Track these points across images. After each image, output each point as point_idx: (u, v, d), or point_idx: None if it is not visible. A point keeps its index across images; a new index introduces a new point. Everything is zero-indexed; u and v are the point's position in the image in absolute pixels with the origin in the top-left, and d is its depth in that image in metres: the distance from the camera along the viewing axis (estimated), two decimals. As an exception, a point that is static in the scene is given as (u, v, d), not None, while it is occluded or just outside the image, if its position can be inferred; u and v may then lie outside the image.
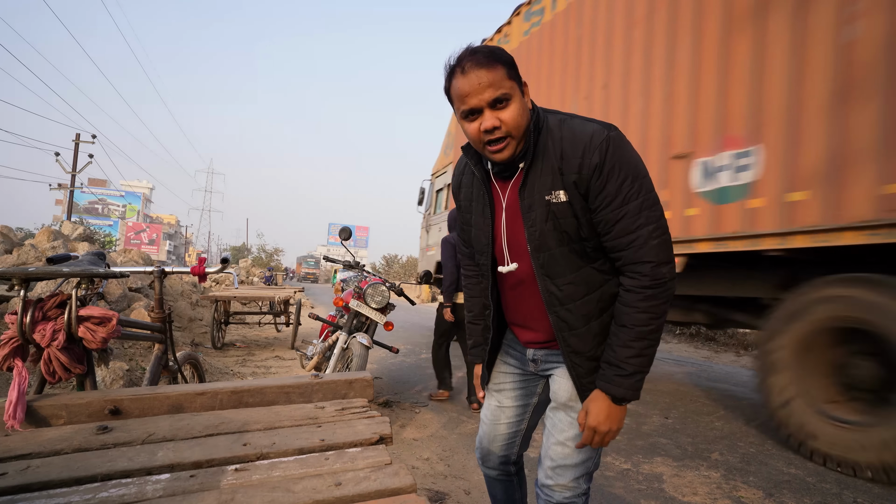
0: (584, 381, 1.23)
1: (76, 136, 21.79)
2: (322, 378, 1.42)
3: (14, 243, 4.85)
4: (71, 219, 21.57)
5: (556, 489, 1.27)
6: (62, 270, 1.43)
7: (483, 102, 1.09)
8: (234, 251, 47.51)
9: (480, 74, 1.07)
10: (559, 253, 1.17)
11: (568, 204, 1.14)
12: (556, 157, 1.14)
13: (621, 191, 1.09)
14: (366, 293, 3.67)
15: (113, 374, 3.27)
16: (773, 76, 3.15)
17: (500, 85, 1.08)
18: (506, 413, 1.44)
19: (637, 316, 1.11)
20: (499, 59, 1.09)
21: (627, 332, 1.12)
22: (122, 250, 8.33)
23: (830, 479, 2.84)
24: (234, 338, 7.52)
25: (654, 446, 3.32)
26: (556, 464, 1.27)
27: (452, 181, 1.42)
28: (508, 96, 1.09)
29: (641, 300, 1.11)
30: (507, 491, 1.55)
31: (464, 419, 3.77)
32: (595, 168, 1.09)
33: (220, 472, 0.91)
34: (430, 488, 2.51)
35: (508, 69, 1.10)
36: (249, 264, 22.03)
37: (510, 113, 1.10)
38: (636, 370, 1.12)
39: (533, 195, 1.17)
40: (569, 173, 1.12)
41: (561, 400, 1.29)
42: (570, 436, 1.26)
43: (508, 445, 1.46)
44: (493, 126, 1.09)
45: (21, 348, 1.27)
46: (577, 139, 1.12)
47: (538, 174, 1.16)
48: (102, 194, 60.01)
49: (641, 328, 1.11)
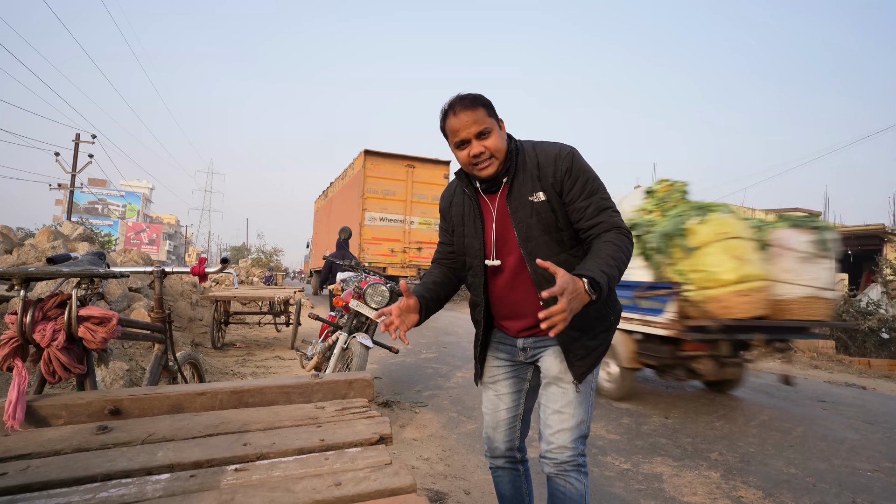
0: (569, 348, 1.47)
1: (76, 136, 21.77)
2: (322, 378, 1.42)
3: (14, 243, 4.85)
4: (71, 219, 21.55)
5: (557, 451, 1.49)
6: (62, 270, 1.43)
7: (470, 135, 1.44)
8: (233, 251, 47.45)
9: (468, 114, 1.43)
10: (542, 241, 1.47)
11: (546, 202, 1.46)
12: (534, 168, 1.48)
13: (586, 187, 1.45)
14: (366, 293, 3.67)
15: (113, 374, 3.26)
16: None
17: (482, 121, 1.43)
18: (503, 400, 1.66)
19: (611, 246, 1.37)
20: (480, 103, 1.45)
21: (604, 249, 1.36)
22: (121, 250, 8.32)
23: (830, 479, 2.84)
24: (234, 338, 7.52)
25: (654, 446, 3.31)
26: (555, 429, 1.50)
27: (442, 203, 1.72)
28: (489, 129, 1.44)
29: (616, 240, 1.38)
30: (515, 482, 1.70)
31: (464, 419, 3.76)
32: (566, 171, 1.45)
33: (220, 472, 0.91)
34: (430, 488, 2.51)
35: (488, 110, 1.46)
36: (249, 264, 22.01)
37: (491, 141, 1.45)
38: (608, 272, 1.30)
39: (519, 199, 1.49)
40: (546, 178, 1.47)
41: (552, 374, 1.52)
42: (563, 403, 1.50)
43: (511, 430, 1.67)
44: (480, 152, 1.44)
45: (21, 348, 1.27)
46: (549, 154, 1.48)
47: (521, 183, 1.49)
48: (102, 194, 59.97)
49: (615, 251, 1.36)
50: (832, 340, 11.78)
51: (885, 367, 9.52)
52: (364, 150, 11.55)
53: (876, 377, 7.83)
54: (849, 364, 9.03)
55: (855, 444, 3.59)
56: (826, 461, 3.17)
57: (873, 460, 3.24)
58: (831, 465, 3.09)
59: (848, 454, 3.34)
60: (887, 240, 17.66)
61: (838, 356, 9.87)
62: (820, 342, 11.26)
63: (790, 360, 6.02)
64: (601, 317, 1.52)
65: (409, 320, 1.48)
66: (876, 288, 13.30)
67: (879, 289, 12.76)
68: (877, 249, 17.60)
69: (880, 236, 18.01)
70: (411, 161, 11.69)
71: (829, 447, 3.48)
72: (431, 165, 11.88)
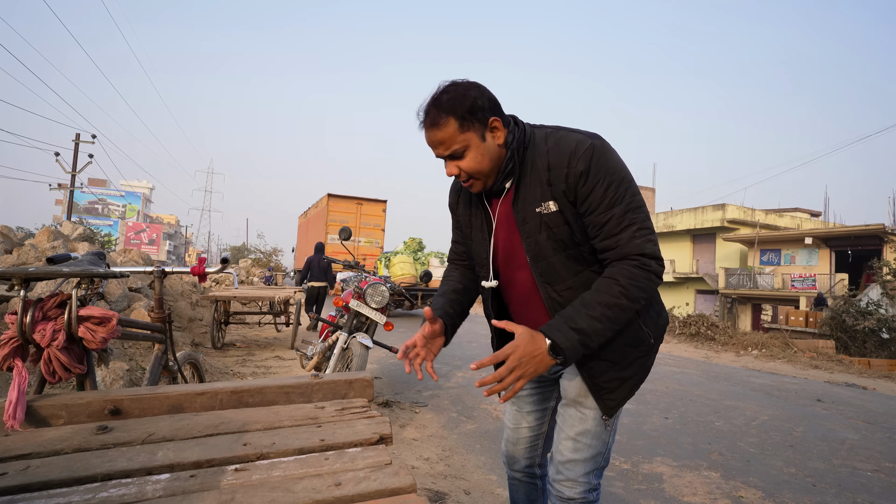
0: (596, 381, 1.25)
1: (76, 136, 21.77)
2: (322, 378, 1.42)
3: (14, 243, 4.85)
4: (71, 219, 21.55)
5: (566, 484, 1.29)
6: (62, 270, 1.43)
7: (441, 155, 1.20)
8: (233, 251, 47.44)
9: (433, 133, 1.17)
10: (556, 260, 1.22)
11: (559, 213, 1.19)
12: (544, 169, 1.19)
13: (606, 195, 1.14)
14: (366, 293, 3.67)
15: (113, 374, 3.26)
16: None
17: (451, 142, 1.16)
18: (526, 418, 1.49)
19: (612, 287, 1.13)
20: (448, 113, 1.15)
21: (596, 295, 1.14)
22: (122, 250, 8.32)
23: (830, 479, 2.84)
24: (234, 338, 7.52)
25: (654, 446, 3.31)
26: (567, 458, 1.29)
27: (450, 198, 1.49)
28: (461, 150, 1.17)
29: (622, 276, 1.13)
30: (530, 496, 1.56)
31: (463, 419, 3.77)
32: (581, 175, 1.15)
33: (220, 472, 0.91)
34: (430, 488, 2.51)
35: (461, 121, 1.15)
36: (249, 264, 22.03)
37: (467, 162, 1.19)
38: (586, 329, 1.12)
39: (525, 208, 1.23)
40: (557, 183, 1.18)
41: (570, 396, 1.32)
42: (580, 430, 1.29)
43: (532, 448, 1.50)
44: (454, 174, 1.21)
45: (21, 348, 1.27)
46: (562, 149, 1.18)
47: (528, 187, 1.22)
48: (102, 194, 59.96)
49: (610, 297, 1.12)
50: (832, 340, 11.78)
51: (885, 367, 9.52)
52: (328, 193, 16.87)
53: (876, 377, 7.83)
54: (849, 364, 9.03)
55: (855, 444, 3.59)
56: (826, 461, 3.17)
57: (873, 460, 3.24)
58: (831, 465, 3.09)
59: (848, 454, 3.34)
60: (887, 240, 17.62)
61: (838, 356, 9.87)
62: (820, 342, 11.30)
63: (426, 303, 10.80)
64: (636, 342, 1.25)
65: (435, 347, 1.32)
66: (876, 288, 13.30)
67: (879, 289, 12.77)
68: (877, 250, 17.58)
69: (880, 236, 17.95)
70: (359, 200, 17.07)
71: (829, 447, 3.48)
72: (373, 203, 17.21)
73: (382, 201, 17.39)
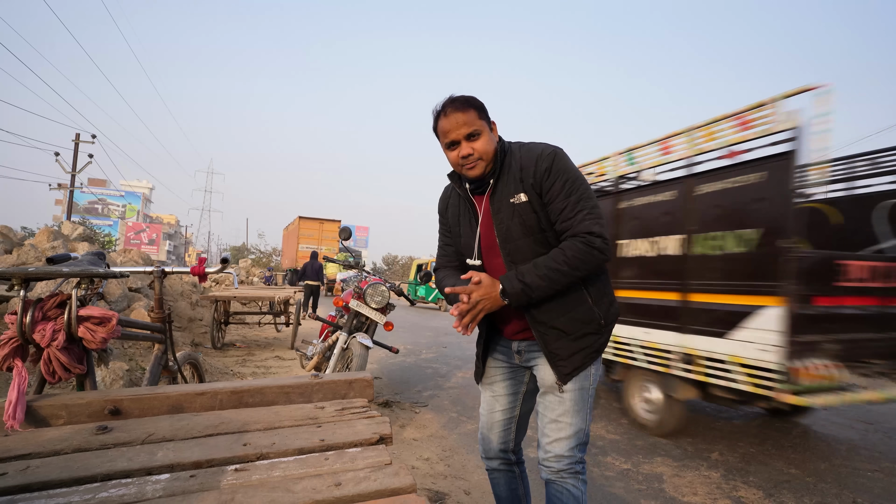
0: (550, 348, 1.47)
1: (76, 136, 21.76)
2: (322, 378, 1.42)
3: (14, 243, 4.85)
4: (71, 219, 21.55)
5: (553, 460, 1.49)
6: (62, 270, 1.43)
7: (460, 136, 1.46)
8: (233, 251, 47.47)
9: (458, 116, 1.45)
10: (523, 243, 1.48)
11: (528, 203, 1.46)
12: (517, 169, 1.49)
13: (564, 187, 1.43)
14: (366, 293, 3.67)
15: (113, 374, 3.26)
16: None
17: (472, 123, 1.45)
18: (499, 402, 1.67)
19: (559, 255, 1.40)
20: (472, 105, 1.46)
21: (546, 260, 1.41)
22: (121, 250, 8.32)
23: (830, 478, 2.84)
24: (234, 338, 7.52)
25: (654, 446, 3.32)
26: (552, 438, 1.50)
27: (440, 204, 1.75)
28: (478, 132, 1.46)
29: (569, 249, 1.39)
30: (511, 484, 1.70)
31: (463, 419, 3.77)
32: (545, 171, 1.45)
33: (220, 472, 0.91)
34: (430, 488, 2.51)
35: (479, 112, 1.47)
36: (249, 264, 22.08)
37: (480, 143, 1.47)
38: (530, 284, 1.40)
39: (501, 200, 1.50)
40: (527, 179, 1.47)
41: (547, 384, 1.52)
42: (560, 412, 1.49)
43: (505, 431, 1.67)
44: (468, 153, 1.47)
45: (21, 348, 1.27)
46: (531, 154, 1.48)
47: (505, 184, 1.50)
48: (102, 194, 59.94)
49: (555, 263, 1.39)
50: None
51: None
52: (299, 216, 24.18)
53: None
54: (849, 364, 8.99)
55: (855, 444, 3.59)
56: (826, 461, 3.17)
57: (873, 460, 3.23)
58: (831, 465, 3.09)
59: (848, 454, 3.34)
60: (887, 240, 17.65)
61: (838, 356, 9.82)
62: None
63: None
64: (588, 319, 1.48)
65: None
66: (876, 288, 13.32)
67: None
68: (876, 249, 17.56)
69: (880, 236, 17.95)
70: (321, 220, 24.50)
71: (829, 447, 3.48)
72: (331, 223, 24.65)
73: (338, 221, 25.29)
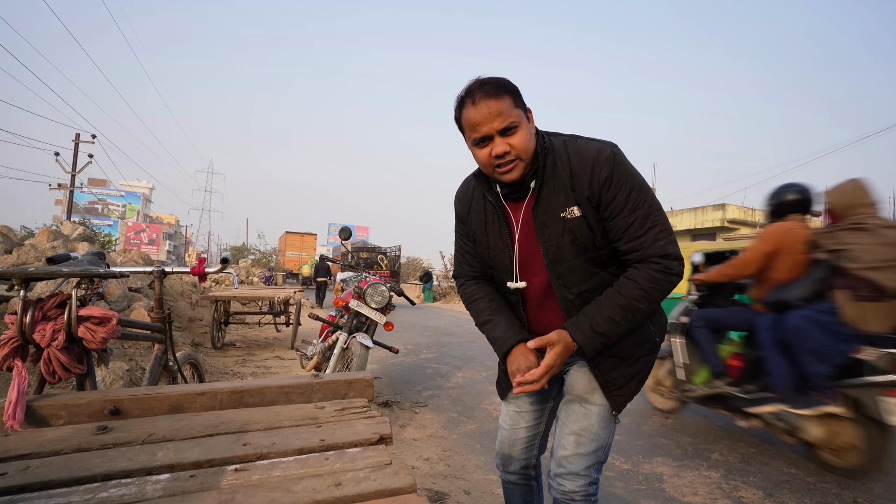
0: (607, 377, 1.30)
1: (76, 136, 21.76)
2: (322, 378, 1.42)
3: (14, 243, 4.85)
4: (71, 219, 21.54)
5: (568, 478, 1.31)
6: (62, 270, 1.43)
7: (493, 130, 1.17)
8: (233, 251, 47.44)
9: (490, 104, 1.15)
10: (575, 264, 1.25)
11: (582, 218, 1.22)
12: (566, 174, 1.22)
13: (629, 199, 1.19)
14: (366, 293, 3.67)
15: (113, 374, 3.26)
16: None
17: (508, 114, 1.16)
18: (524, 418, 1.48)
19: (634, 290, 1.19)
20: (506, 89, 1.17)
21: (618, 298, 1.20)
22: (121, 250, 8.32)
23: (830, 478, 2.84)
24: (234, 338, 7.52)
25: (654, 446, 3.31)
26: (569, 453, 1.32)
27: (459, 206, 1.46)
28: (516, 124, 1.17)
29: (645, 279, 1.19)
30: (526, 497, 1.56)
31: (464, 419, 3.77)
32: (605, 181, 1.19)
33: (220, 472, 0.90)
34: (430, 488, 2.51)
35: (515, 98, 1.18)
36: (249, 264, 22.06)
37: (519, 138, 1.18)
38: (605, 331, 1.21)
39: (547, 212, 1.24)
40: (581, 189, 1.21)
41: (576, 392, 1.34)
42: (584, 425, 1.31)
43: (528, 448, 1.50)
44: (504, 151, 1.18)
45: (21, 348, 1.27)
46: (584, 157, 1.21)
47: (551, 192, 1.24)
48: (102, 194, 59.93)
49: (632, 301, 1.19)
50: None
51: (885, 367, 9.47)
52: (286, 231, 33.71)
53: (876, 377, 7.81)
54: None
55: (855, 444, 3.59)
56: (826, 461, 3.16)
57: (873, 460, 3.23)
58: (831, 465, 3.09)
59: (848, 454, 3.34)
60: (887, 240, 17.57)
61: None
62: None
63: None
64: (644, 340, 1.31)
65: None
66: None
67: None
68: (877, 249, 17.53)
69: (880, 236, 17.90)
70: (303, 234, 34.21)
71: (829, 447, 3.47)
72: (310, 236, 34.67)
73: (314, 234, 35.10)
